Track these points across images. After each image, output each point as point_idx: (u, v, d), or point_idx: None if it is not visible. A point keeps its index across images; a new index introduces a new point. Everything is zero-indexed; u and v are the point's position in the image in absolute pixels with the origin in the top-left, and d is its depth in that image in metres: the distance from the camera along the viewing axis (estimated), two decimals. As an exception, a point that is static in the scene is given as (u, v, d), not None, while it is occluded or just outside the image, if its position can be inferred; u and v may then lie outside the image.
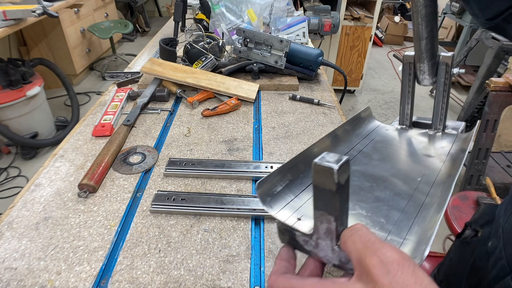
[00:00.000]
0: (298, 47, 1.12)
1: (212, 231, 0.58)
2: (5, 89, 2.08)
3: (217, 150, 0.79)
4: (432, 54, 0.52)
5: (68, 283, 0.49)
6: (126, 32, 3.57)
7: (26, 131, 2.24)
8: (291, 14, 1.62)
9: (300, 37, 1.49)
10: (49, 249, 0.54)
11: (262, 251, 0.55)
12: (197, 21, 1.55)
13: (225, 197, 0.63)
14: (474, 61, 3.30)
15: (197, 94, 1.00)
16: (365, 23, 2.90)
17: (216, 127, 0.88)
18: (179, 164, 0.72)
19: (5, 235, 0.57)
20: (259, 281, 0.50)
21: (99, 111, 0.95)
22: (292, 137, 0.84)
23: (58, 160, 0.75)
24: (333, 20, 2.57)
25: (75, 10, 3.15)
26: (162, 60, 1.09)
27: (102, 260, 0.53)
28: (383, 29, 4.89)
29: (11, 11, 1.92)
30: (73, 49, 3.12)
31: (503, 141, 2.29)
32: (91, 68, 3.61)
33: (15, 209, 0.62)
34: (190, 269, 0.51)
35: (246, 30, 1.11)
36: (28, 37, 3.00)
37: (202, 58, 1.12)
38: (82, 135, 0.84)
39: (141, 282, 0.49)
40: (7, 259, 0.53)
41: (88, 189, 0.65)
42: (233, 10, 1.41)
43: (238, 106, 0.97)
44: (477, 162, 1.77)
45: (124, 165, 0.73)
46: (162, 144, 0.81)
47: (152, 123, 0.90)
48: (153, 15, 5.71)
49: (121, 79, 1.10)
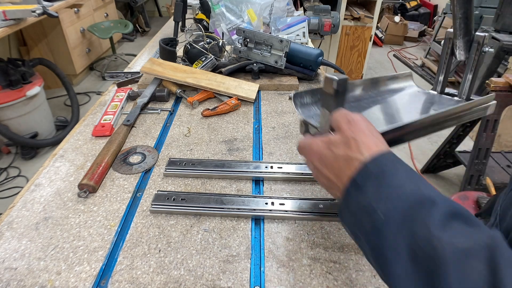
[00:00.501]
0: (298, 47, 1.12)
1: (212, 231, 0.58)
2: (5, 89, 2.08)
3: (217, 150, 0.79)
4: (466, 32, 0.59)
5: (68, 283, 0.49)
6: (126, 32, 3.57)
7: (26, 131, 2.24)
8: (291, 14, 1.62)
9: (300, 37, 1.49)
10: (49, 249, 0.54)
11: (262, 251, 0.55)
12: (197, 21, 1.55)
13: (225, 197, 0.63)
14: (474, 61, 3.29)
15: (197, 94, 1.00)
16: (365, 23, 2.90)
17: (216, 127, 0.88)
18: (179, 164, 0.72)
19: (5, 235, 0.57)
20: (259, 281, 0.50)
21: (99, 111, 0.95)
22: (292, 137, 0.84)
23: (58, 160, 0.75)
24: (333, 20, 2.57)
25: (75, 10, 3.15)
26: (162, 60, 1.09)
27: (102, 260, 0.53)
28: (383, 29, 4.89)
29: (11, 11, 1.92)
30: (73, 49, 3.12)
31: (503, 141, 2.29)
32: (91, 68, 3.61)
33: (15, 209, 0.62)
34: (190, 269, 0.51)
35: (246, 30, 1.11)
36: (28, 37, 3.00)
37: (202, 58, 1.12)
38: (82, 135, 0.84)
39: (141, 282, 0.49)
40: (7, 259, 0.53)
41: (88, 189, 0.65)
42: (233, 10, 1.41)
43: (238, 106, 0.97)
44: (477, 162, 1.76)
45: (124, 165, 0.73)
46: (162, 144, 0.81)
47: (152, 123, 0.90)
48: (153, 15, 5.71)
49: (121, 79, 1.10)
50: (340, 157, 0.38)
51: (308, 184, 0.69)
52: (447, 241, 0.28)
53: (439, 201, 0.31)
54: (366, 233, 0.34)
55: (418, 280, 0.29)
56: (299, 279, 0.50)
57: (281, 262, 0.53)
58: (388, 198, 0.33)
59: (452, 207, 0.31)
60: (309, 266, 0.52)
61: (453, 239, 0.28)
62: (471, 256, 0.27)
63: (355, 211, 0.36)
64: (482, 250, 0.27)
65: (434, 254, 0.28)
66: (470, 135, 2.31)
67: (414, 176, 0.34)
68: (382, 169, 0.35)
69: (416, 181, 0.34)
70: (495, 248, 0.27)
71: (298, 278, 0.50)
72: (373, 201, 0.33)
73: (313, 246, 0.55)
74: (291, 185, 0.68)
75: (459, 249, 0.28)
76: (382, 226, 0.32)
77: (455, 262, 0.27)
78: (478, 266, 0.27)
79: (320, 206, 0.61)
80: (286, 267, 0.52)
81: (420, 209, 0.31)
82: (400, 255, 0.30)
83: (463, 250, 0.28)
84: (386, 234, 0.32)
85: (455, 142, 2.01)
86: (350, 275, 0.51)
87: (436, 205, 0.31)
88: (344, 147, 0.38)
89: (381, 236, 0.32)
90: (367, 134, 0.38)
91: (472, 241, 0.28)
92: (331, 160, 0.39)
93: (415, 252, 0.30)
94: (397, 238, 0.31)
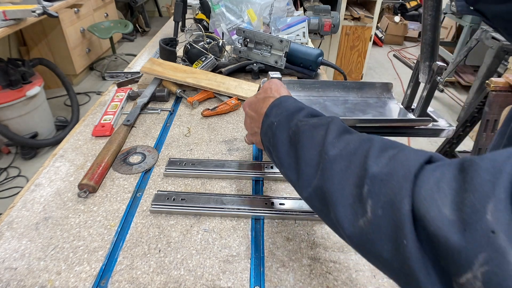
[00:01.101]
0: (298, 47, 1.12)
1: (212, 231, 0.58)
2: (5, 89, 2.08)
3: (217, 150, 0.79)
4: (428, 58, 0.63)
5: (68, 283, 0.49)
6: (126, 32, 3.57)
7: (26, 131, 2.24)
8: (291, 14, 1.62)
9: (300, 37, 1.49)
10: (49, 249, 0.54)
11: (262, 251, 0.55)
12: (197, 21, 1.55)
13: (225, 197, 0.63)
14: (474, 61, 3.30)
15: (197, 94, 1.00)
16: (365, 23, 2.90)
17: (216, 127, 0.88)
18: (179, 164, 0.72)
19: (5, 235, 0.57)
20: (259, 281, 0.50)
21: (99, 111, 0.95)
22: (292, 137, 0.84)
23: (58, 160, 0.75)
24: (333, 20, 2.57)
25: (75, 10, 3.14)
26: (162, 60, 1.09)
27: (102, 260, 0.53)
28: (383, 29, 4.89)
29: (11, 11, 1.92)
30: (73, 49, 3.12)
31: (503, 141, 2.28)
32: (91, 68, 3.61)
33: (15, 209, 0.62)
34: (190, 269, 0.51)
35: (246, 30, 1.11)
36: (28, 37, 3.00)
37: (202, 58, 1.12)
38: (82, 135, 0.84)
39: (141, 282, 0.49)
40: (7, 259, 0.53)
41: (88, 189, 0.65)
42: (233, 10, 1.41)
43: (238, 106, 0.97)
44: (477, 162, 1.76)
45: (124, 165, 0.73)
46: (162, 144, 0.81)
47: (152, 123, 0.90)
48: (153, 15, 5.71)
49: (121, 79, 1.10)
50: (261, 99, 0.55)
51: (308, 184, 0.69)
52: (305, 122, 0.44)
53: (309, 108, 0.47)
54: (269, 140, 0.49)
55: (291, 152, 0.43)
56: (299, 279, 0.50)
57: (281, 262, 0.53)
58: (280, 113, 0.48)
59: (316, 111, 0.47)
60: (309, 266, 0.52)
61: (309, 120, 0.44)
62: (317, 127, 0.41)
63: (265, 130, 0.50)
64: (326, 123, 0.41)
65: (298, 130, 0.43)
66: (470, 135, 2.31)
67: (299, 103, 0.49)
68: (280, 101, 0.51)
69: (299, 103, 0.49)
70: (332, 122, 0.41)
71: (298, 278, 0.50)
72: (273, 118, 0.49)
73: (313, 246, 0.55)
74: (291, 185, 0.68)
75: (310, 124, 0.43)
76: (275, 129, 0.47)
77: (306, 130, 0.42)
78: (320, 132, 0.40)
79: (320, 206, 0.61)
80: (286, 267, 0.52)
81: (295, 113, 0.47)
82: (284, 142, 0.45)
83: (312, 124, 0.42)
84: (276, 133, 0.47)
85: (455, 142, 2.01)
86: (350, 275, 0.51)
87: (306, 109, 0.47)
88: (263, 92, 0.55)
89: (275, 136, 0.47)
90: (279, 86, 0.55)
91: (319, 119, 0.43)
92: (255, 102, 0.56)
93: (290, 138, 0.44)
94: (282, 132, 0.46)
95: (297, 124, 0.44)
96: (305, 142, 0.41)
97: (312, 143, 0.40)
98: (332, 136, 0.39)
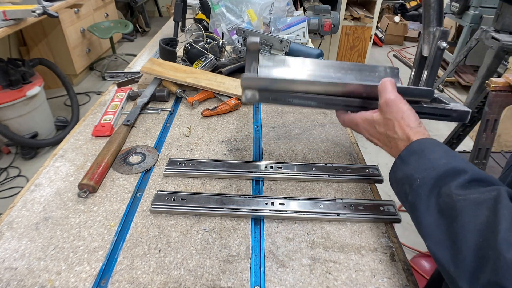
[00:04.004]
0: (298, 47, 1.12)
1: (212, 231, 0.58)
2: (5, 89, 2.08)
3: (217, 150, 0.79)
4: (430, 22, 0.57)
5: (68, 283, 0.49)
6: (126, 32, 3.57)
7: (26, 131, 2.24)
8: (291, 14, 1.62)
9: (300, 37, 1.49)
10: (49, 249, 0.54)
11: (262, 251, 0.55)
12: (197, 21, 1.55)
13: (225, 197, 0.63)
14: (474, 61, 3.30)
15: (197, 94, 1.00)
16: (365, 23, 2.90)
17: (216, 127, 0.88)
18: (179, 164, 0.72)
19: (5, 235, 0.57)
20: (259, 281, 0.50)
21: (99, 111, 0.95)
22: (292, 137, 0.84)
23: (58, 160, 0.75)
24: (333, 20, 2.57)
25: (75, 10, 3.14)
26: (162, 60, 1.09)
27: (102, 260, 0.53)
28: (383, 29, 4.88)
29: (11, 11, 1.92)
30: (73, 49, 3.12)
31: (503, 141, 2.29)
32: (91, 68, 3.61)
33: (15, 209, 0.62)
34: (190, 269, 0.51)
35: (246, 30, 1.11)
36: (28, 37, 3.00)
37: (202, 58, 1.12)
38: (82, 135, 0.84)
39: (141, 282, 0.49)
40: (7, 259, 0.53)
41: (88, 189, 0.65)
42: (233, 10, 1.41)
43: (238, 106, 0.97)
44: (477, 162, 1.76)
45: (124, 165, 0.73)
46: (162, 144, 0.81)
47: (152, 123, 0.90)
48: (153, 15, 5.71)
49: (121, 79, 1.10)
50: (383, 134, 0.53)
51: (308, 184, 0.69)
52: (464, 196, 0.38)
53: (469, 170, 0.41)
54: (406, 194, 0.46)
55: (442, 225, 0.39)
56: (299, 279, 0.50)
57: (281, 262, 0.53)
58: (424, 169, 0.44)
59: (478, 174, 0.41)
60: (309, 266, 0.52)
61: (468, 194, 0.38)
62: (479, 205, 0.37)
63: (400, 178, 0.48)
64: (489, 200, 0.36)
65: (453, 205, 0.38)
66: (470, 135, 2.31)
67: (449, 153, 0.44)
68: (422, 149, 0.46)
69: (450, 157, 0.44)
70: (499, 199, 0.36)
71: (298, 278, 0.50)
72: (413, 171, 0.45)
73: (313, 246, 0.55)
74: (291, 185, 0.68)
75: (471, 200, 0.37)
76: (418, 188, 0.43)
77: (468, 210, 0.37)
78: (485, 212, 0.36)
79: (320, 206, 0.61)
80: (286, 267, 0.52)
81: (447, 177, 0.41)
82: (430, 209, 0.41)
83: (474, 200, 0.37)
84: (420, 192, 0.43)
85: (455, 142, 2.01)
86: (350, 275, 0.51)
87: (463, 173, 0.41)
88: (384, 126, 0.52)
89: (416, 196, 0.43)
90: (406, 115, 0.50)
91: (483, 195, 0.37)
92: (377, 135, 0.54)
93: (440, 206, 0.40)
94: (428, 196, 0.42)
95: (451, 197, 0.39)
96: (467, 224, 0.36)
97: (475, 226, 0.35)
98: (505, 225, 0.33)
